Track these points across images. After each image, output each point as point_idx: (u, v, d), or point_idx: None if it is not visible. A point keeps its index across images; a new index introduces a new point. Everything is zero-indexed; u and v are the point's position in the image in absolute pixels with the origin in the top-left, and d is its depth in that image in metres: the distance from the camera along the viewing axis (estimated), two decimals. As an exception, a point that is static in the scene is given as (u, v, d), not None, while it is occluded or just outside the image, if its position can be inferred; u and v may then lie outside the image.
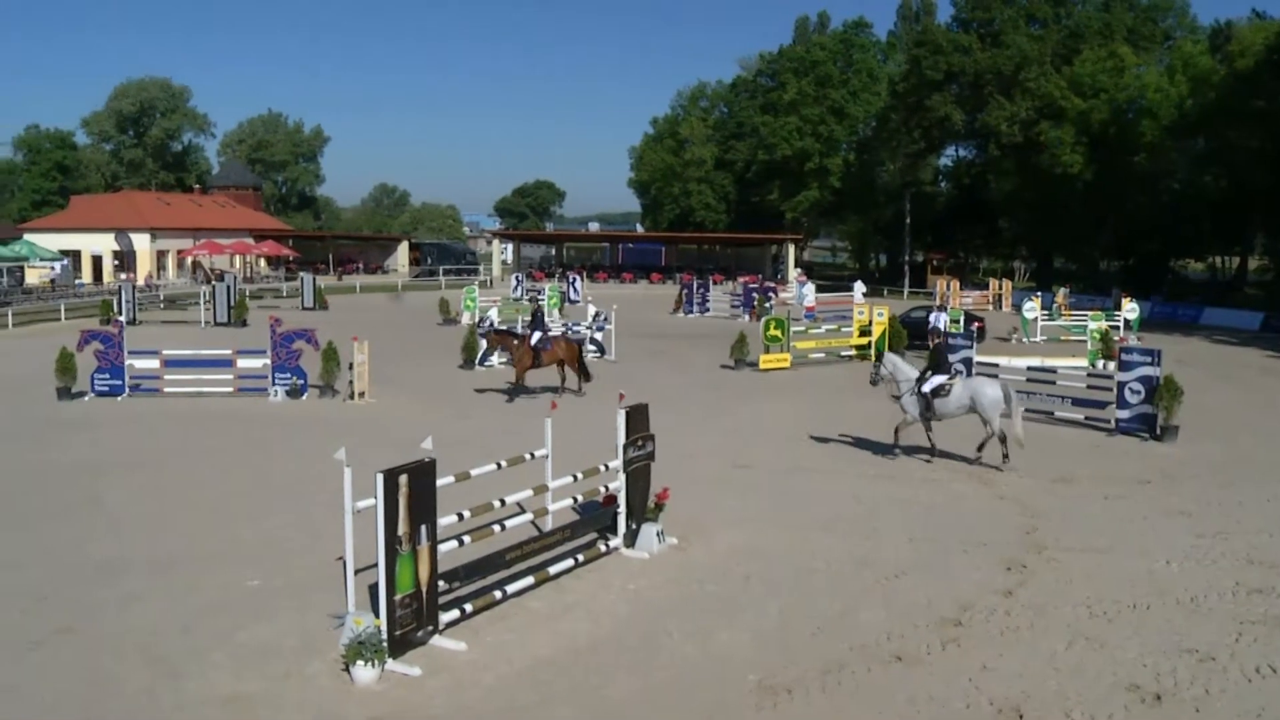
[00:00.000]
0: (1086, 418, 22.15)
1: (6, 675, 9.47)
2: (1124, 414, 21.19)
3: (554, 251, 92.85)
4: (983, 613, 11.02)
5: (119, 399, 24.70)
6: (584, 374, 25.66)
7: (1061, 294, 52.36)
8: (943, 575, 12.23)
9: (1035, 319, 42.50)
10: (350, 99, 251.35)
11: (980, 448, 18.46)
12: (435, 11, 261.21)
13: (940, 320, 34.19)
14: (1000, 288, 61.81)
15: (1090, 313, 40.79)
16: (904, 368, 19.00)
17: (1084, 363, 27.60)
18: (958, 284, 60.76)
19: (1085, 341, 34.97)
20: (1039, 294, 50.53)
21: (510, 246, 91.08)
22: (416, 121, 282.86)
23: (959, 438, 19.21)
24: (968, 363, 23.66)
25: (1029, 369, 24.36)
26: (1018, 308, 47.85)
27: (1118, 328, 40.22)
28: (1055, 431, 21.62)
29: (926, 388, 18.45)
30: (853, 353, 33.18)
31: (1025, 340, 40.90)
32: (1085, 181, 64.84)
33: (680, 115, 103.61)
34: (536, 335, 24.98)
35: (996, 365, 24.61)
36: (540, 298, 25.89)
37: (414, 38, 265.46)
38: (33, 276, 61.31)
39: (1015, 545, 13.45)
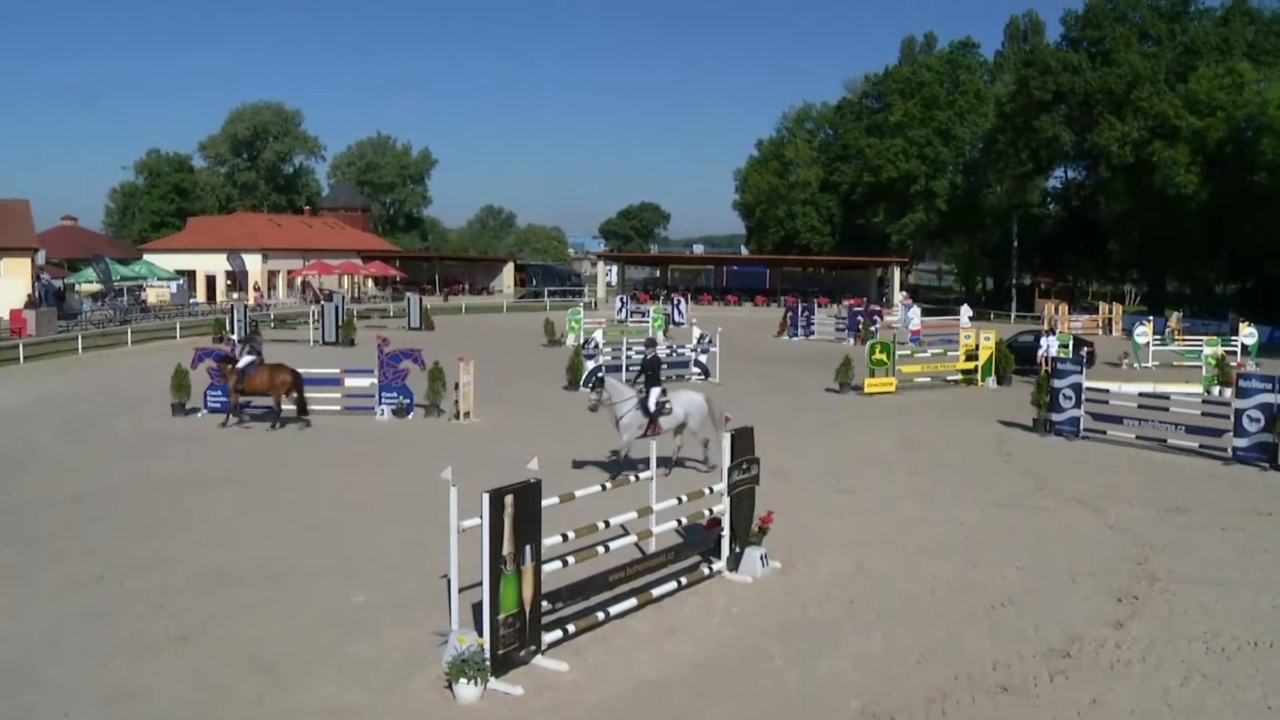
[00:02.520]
0: (1201, 446, 21.51)
1: (125, 679, 9.77)
2: (1242, 442, 20.56)
3: (658, 273, 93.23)
4: (1092, 644, 10.75)
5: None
6: (300, 408, 23.96)
7: (1175, 318, 51.16)
8: (1051, 605, 11.96)
9: (1147, 344, 41.45)
10: (458, 122, 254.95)
11: (677, 454, 19.34)
12: (542, 36, 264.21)
13: (1050, 345, 33.44)
14: (1110, 312, 60.44)
15: (1205, 337, 39.71)
16: (621, 389, 19.54)
17: (1198, 389, 26.83)
18: (1066, 308, 59.60)
19: (1199, 367, 34.05)
20: (1151, 318, 49.42)
21: (615, 268, 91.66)
22: (523, 144, 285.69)
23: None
24: (1077, 389, 23.21)
25: (1140, 395, 23.77)
26: (1129, 332, 46.65)
27: (1235, 353, 39.14)
28: (1169, 460, 21.07)
29: (652, 404, 18.84)
30: (959, 377, 32.73)
31: (1136, 366, 39.93)
32: (1200, 202, 63.08)
33: (785, 137, 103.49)
34: (244, 360, 23.85)
35: (1106, 391, 24.10)
36: (257, 326, 25.08)
37: (521, 61, 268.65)
38: (149, 296, 63.00)
39: (1126, 576, 13.09)
